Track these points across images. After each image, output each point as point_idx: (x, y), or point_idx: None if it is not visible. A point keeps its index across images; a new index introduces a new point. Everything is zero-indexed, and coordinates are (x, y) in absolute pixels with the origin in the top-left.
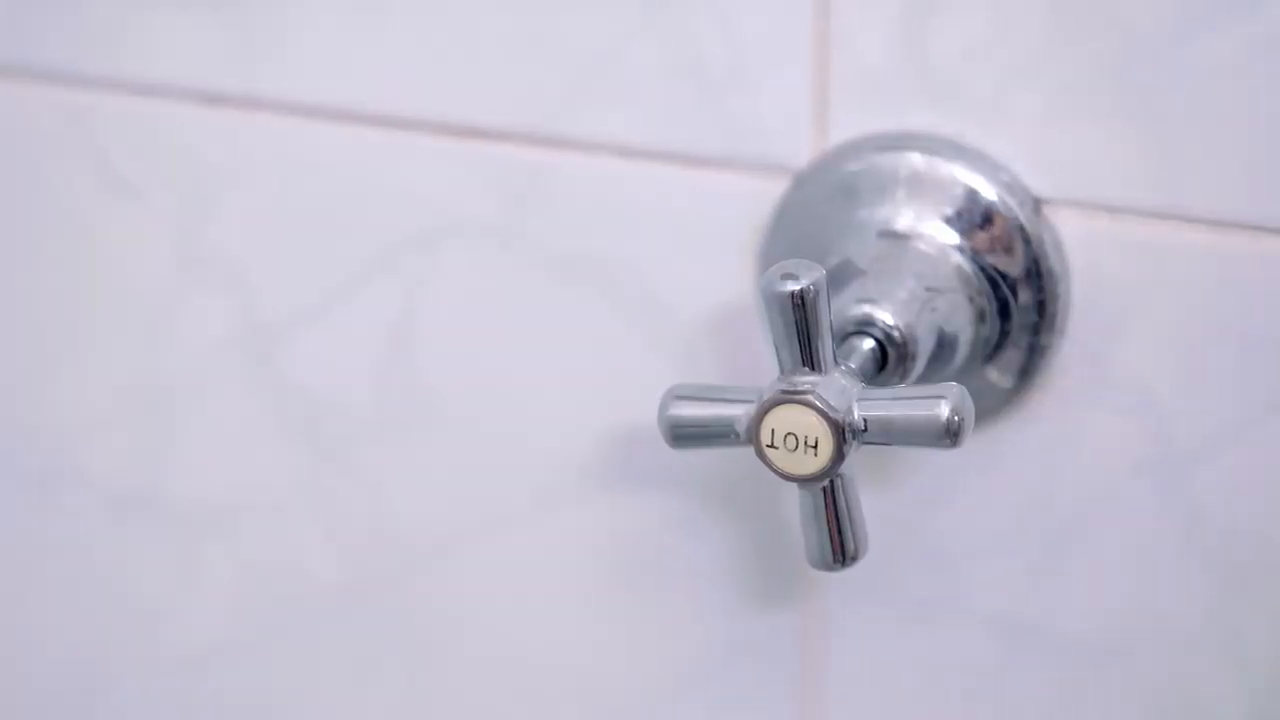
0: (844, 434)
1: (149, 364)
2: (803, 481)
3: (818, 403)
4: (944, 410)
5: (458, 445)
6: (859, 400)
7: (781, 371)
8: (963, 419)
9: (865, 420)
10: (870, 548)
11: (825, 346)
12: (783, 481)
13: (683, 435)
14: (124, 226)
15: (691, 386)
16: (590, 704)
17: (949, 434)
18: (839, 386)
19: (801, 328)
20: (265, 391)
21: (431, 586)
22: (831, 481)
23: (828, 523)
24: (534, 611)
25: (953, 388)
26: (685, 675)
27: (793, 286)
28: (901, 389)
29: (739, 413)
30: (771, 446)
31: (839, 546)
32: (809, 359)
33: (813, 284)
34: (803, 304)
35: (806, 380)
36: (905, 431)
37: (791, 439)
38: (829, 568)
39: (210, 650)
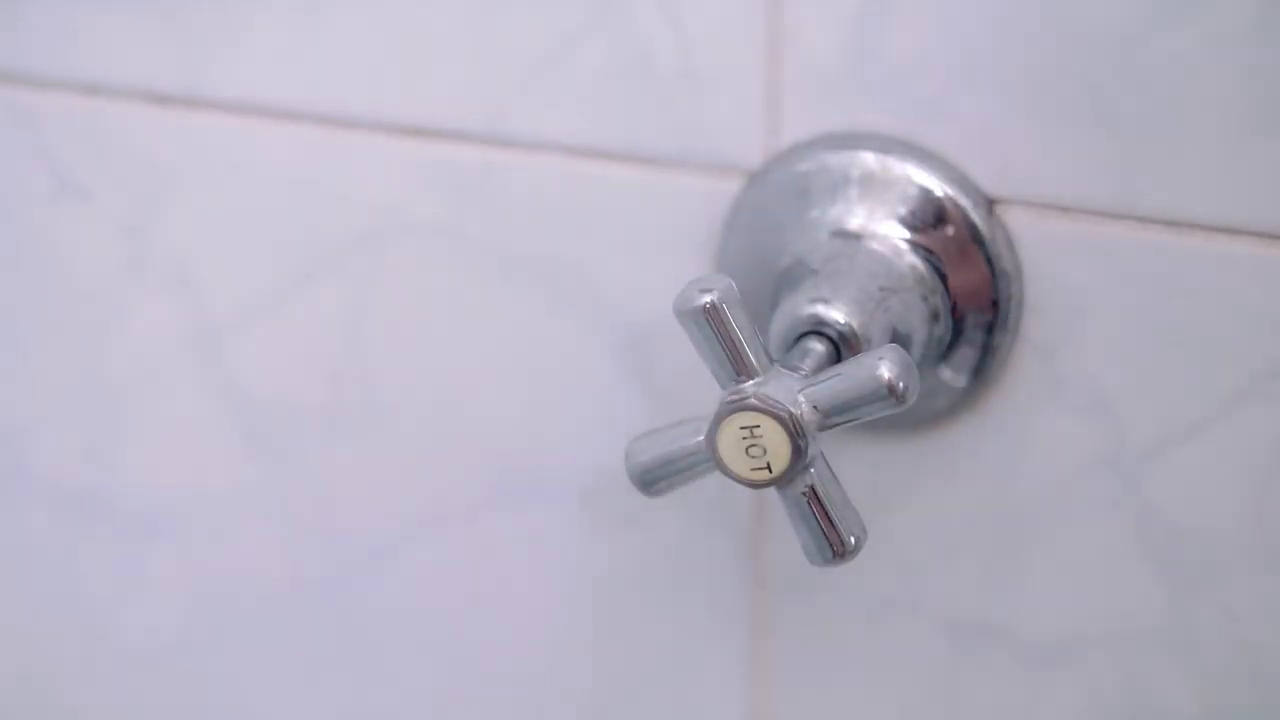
0: (794, 425)
1: (97, 363)
2: (776, 485)
3: (759, 403)
4: (885, 370)
5: (406, 445)
6: (803, 390)
7: (722, 387)
8: (904, 374)
9: (814, 405)
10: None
11: (753, 351)
12: (753, 490)
13: (652, 480)
14: (73, 226)
15: (647, 435)
16: (539, 705)
17: (894, 392)
18: (778, 383)
19: (723, 339)
20: (213, 391)
21: (380, 586)
22: (807, 477)
23: (817, 520)
24: (482, 612)
25: (889, 348)
26: (634, 674)
27: (699, 302)
28: (840, 365)
29: (700, 437)
30: (733, 461)
31: (836, 540)
32: (741, 367)
33: (718, 294)
34: (716, 316)
35: (744, 387)
36: (855, 402)
37: (752, 448)
38: (832, 562)
39: (158, 649)
